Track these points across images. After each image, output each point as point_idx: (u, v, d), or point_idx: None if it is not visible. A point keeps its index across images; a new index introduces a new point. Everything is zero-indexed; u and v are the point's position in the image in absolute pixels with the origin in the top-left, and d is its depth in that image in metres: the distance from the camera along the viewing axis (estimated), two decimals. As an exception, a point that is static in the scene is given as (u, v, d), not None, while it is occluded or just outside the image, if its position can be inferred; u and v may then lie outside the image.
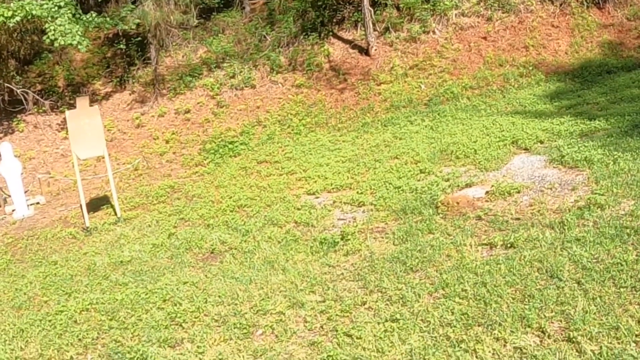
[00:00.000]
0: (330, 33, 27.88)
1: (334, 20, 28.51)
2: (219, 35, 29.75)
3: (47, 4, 25.52)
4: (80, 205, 17.42)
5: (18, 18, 24.72)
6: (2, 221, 19.36)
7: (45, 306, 11.89)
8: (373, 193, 14.49)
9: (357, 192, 14.78)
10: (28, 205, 19.72)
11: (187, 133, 24.43)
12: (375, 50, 26.02)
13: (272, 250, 12.35)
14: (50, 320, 10.96)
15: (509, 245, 10.10)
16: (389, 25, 26.62)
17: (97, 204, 18.97)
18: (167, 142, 24.06)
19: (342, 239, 12.02)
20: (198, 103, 26.02)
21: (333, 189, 15.64)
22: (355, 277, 10.20)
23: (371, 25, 25.92)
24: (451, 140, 17.11)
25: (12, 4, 25.05)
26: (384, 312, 8.88)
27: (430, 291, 9.18)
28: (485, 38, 25.28)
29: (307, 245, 12.21)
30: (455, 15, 26.23)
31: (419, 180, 14.67)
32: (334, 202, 14.58)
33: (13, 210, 19.58)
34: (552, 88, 21.43)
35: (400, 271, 9.97)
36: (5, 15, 24.41)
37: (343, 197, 14.74)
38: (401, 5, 26.80)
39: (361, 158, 17.76)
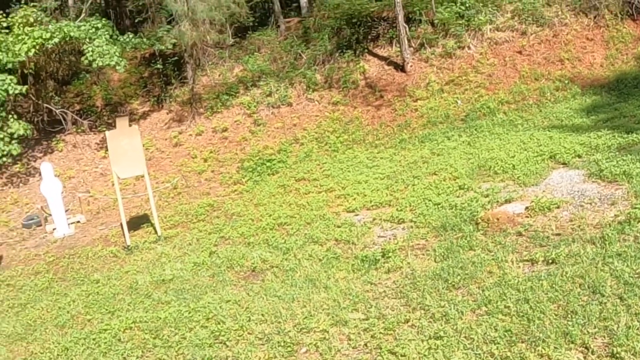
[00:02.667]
0: (366, 50, 27.97)
1: (369, 37, 28.60)
2: (255, 53, 29.91)
3: (84, 25, 25.89)
4: (121, 224, 17.55)
5: (56, 40, 25.09)
6: (43, 240, 19.55)
7: (89, 324, 12.00)
8: (412, 210, 14.48)
9: (397, 209, 14.78)
10: (69, 224, 19.90)
11: (225, 151, 24.55)
12: (411, 66, 26.05)
13: (314, 268, 12.37)
14: (94, 339, 11.07)
15: (550, 261, 10.11)
16: (424, 41, 26.66)
17: (137, 222, 19.10)
18: (205, 160, 24.19)
19: (383, 257, 12.04)
20: (235, 121, 26.17)
21: (372, 206, 15.65)
22: (398, 295, 10.23)
23: (406, 42, 25.96)
24: (489, 156, 17.10)
25: (50, 26, 25.40)
26: (427, 329, 8.91)
27: (473, 308, 9.20)
28: (520, 52, 25.24)
29: (349, 263, 12.24)
30: (490, 30, 26.23)
31: (458, 197, 14.67)
32: (374, 219, 14.60)
33: (54, 229, 19.77)
34: (588, 101, 21.37)
35: (443, 288, 9.99)
36: (44, 37, 24.77)
37: (383, 214, 14.76)
38: (436, 21, 26.84)
39: (399, 175, 17.77)
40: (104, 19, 28.21)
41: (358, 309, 10.06)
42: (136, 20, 35.11)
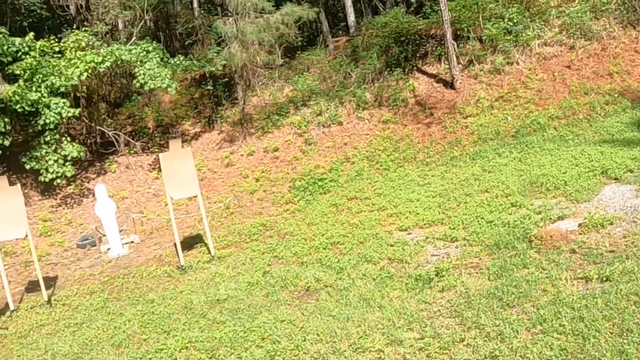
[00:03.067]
0: (415, 68, 28.01)
1: (418, 55, 28.65)
2: (304, 73, 30.10)
3: (135, 49, 26.23)
4: (175, 244, 17.73)
5: (108, 63, 25.45)
6: (98, 260, 19.77)
7: (145, 344, 12.11)
8: (465, 228, 14.47)
9: (449, 228, 14.78)
10: (123, 244, 20.12)
11: (277, 171, 24.69)
12: (460, 83, 26.04)
13: (368, 288, 12.39)
14: (150, 359, 11.19)
15: (604, 278, 10.06)
16: (473, 57, 26.66)
17: (191, 242, 19.24)
18: (257, 180, 24.34)
19: (436, 275, 12.03)
20: (286, 141, 26.32)
21: (425, 224, 15.64)
22: (452, 314, 10.23)
23: (455, 59, 25.98)
24: (540, 172, 17.03)
25: (101, 50, 25.76)
26: (483, 348, 8.91)
27: (528, 327, 9.18)
28: (569, 67, 25.10)
29: (402, 282, 12.24)
30: (538, 45, 26.15)
31: (510, 214, 14.63)
32: (427, 237, 14.60)
33: (108, 249, 20.00)
34: (639, 115, 21.17)
35: (497, 307, 9.98)
36: (96, 61, 25.13)
37: (435, 232, 14.75)
38: (484, 38, 26.82)
39: (451, 192, 17.75)
40: (154, 42, 28.60)
41: (413, 328, 10.08)
42: (186, 43, 35.48)
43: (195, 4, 36.61)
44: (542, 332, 8.92)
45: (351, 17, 33.80)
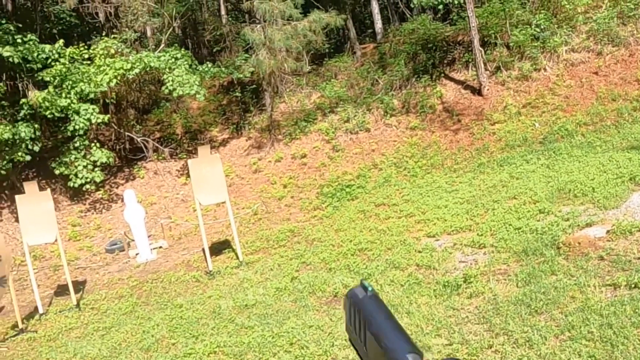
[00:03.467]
0: (442, 74, 27.99)
1: (445, 62, 28.64)
2: (332, 80, 30.16)
3: (164, 55, 26.42)
4: (203, 249, 17.83)
5: (137, 70, 25.66)
6: (126, 265, 19.95)
7: (173, 348, 12.21)
8: (493, 234, 14.45)
9: (477, 234, 14.77)
10: (151, 249, 20.28)
11: (304, 177, 24.77)
12: (488, 89, 26.00)
13: (396, 294, 12.41)
14: (179, 363, 11.30)
15: (633, 285, 10.03)
16: (500, 64, 26.60)
17: (219, 248, 19.36)
18: (284, 186, 24.44)
19: (464, 282, 12.03)
20: (314, 147, 26.39)
21: (453, 231, 15.63)
22: (480, 320, 10.24)
23: (482, 65, 25.94)
24: (568, 179, 16.97)
25: (130, 57, 25.96)
26: (511, 355, 8.92)
27: (557, 333, 9.19)
28: (596, 73, 24.97)
29: (430, 288, 12.25)
30: (566, 51, 26.03)
31: (538, 221, 14.60)
32: (455, 244, 14.59)
33: (137, 254, 20.16)
34: (667, 122, 21.10)
35: (525, 314, 9.99)
36: (125, 67, 25.34)
37: (463, 239, 14.74)
38: (511, 44, 26.75)
39: (479, 199, 17.75)
40: (182, 49, 28.77)
41: (441, 334, 10.11)
42: (214, 50, 35.64)
43: (223, 12, 36.73)
44: (571, 339, 8.92)
45: (378, 24, 33.81)
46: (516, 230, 14.29)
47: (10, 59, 24.09)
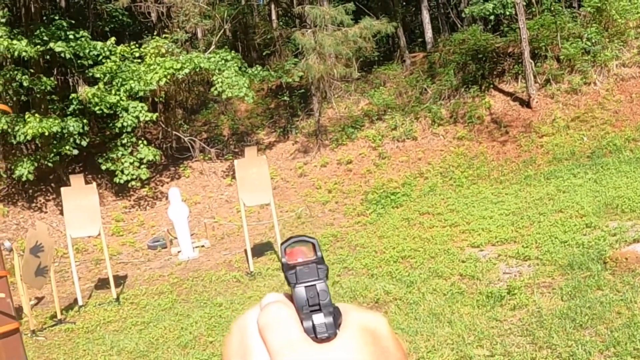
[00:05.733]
0: (491, 85, 27.87)
1: (495, 73, 28.50)
2: (380, 87, 30.19)
3: (214, 57, 26.58)
4: (245, 250, 17.83)
5: (187, 70, 25.83)
6: (168, 262, 20.03)
7: (211, 346, 12.18)
8: (538, 247, 14.32)
9: (522, 246, 14.62)
10: (193, 248, 20.35)
11: (349, 183, 24.76)
12: (537, 102, 25.84)
13: (438, 303, 12.31)
14: (216, 361, 11.29)
15: (680, 303, 9.90)
16: (550, 77, 26.42)
17: (261, 249, 19.36)
18: (329, 191, 24.44)
19: (508, 293, 11.90)
20: (360, 154, 26.38)
21: (497, 242, 15.50)
22: (524, 333, 10.12)
23: (532, 77, 25.79)
24: (616, 194, 16.80)
25: (181, 57, 26.15)
26: (555, 369, 8.84)
27: (601, 349, 9.06)
28: (646, 89, 24.79)
29: (473, 299, 12.14)
30: (616, 66, 25.79)
31: (584, 235, 14.44)
32: (499, 255, 14.47)
33: (179, 252, 20.23)
34: None
35: (570, 328, 9.86)
36: (175, 67, 25.53)
37: (508, 250, 14.61)
38: (561, 57, 26.58)
39: (525, 211, 17.59)
40: (232, 51, 28.90)
41: (483, 345, 10.00)
42: (263, 53, 35.80)
43: (274, 16, 36.97)
44: (616, 355, 8.79)
45: (428, 34, 33.76)
46: (562, 243, 14.14)
47: (62, 55, 24.37)
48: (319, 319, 1.03)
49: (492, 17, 30.22)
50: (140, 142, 26.18)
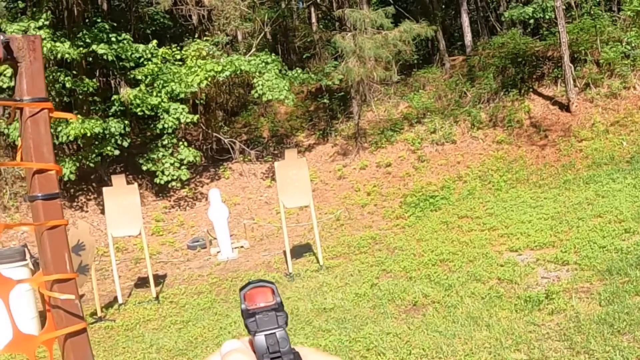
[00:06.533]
0: (530, 89, 27.81)
1: (534, 77, 28.43)
2: (420, 91, 30.23)
3: (254, 60, 26.76)
4: (284, 252, 17.96)
5: (227, 73, 26.05)
6: (207, 262, 20.21)
7: (250, 347, 12.32)
8: (577, 252, 14.30)
9: (561, 251, 14.62)
10: (233, 249, 20.51)
11: (388, 186, 24.84)
12: (576, 106, 25.75)
13: (476, 306, 12.34)
14: (252, 361, 11.39)
15: None
16: (589, 81, 26.33)
17: (300, 251, 19.46)
18: (368, 194, 24.53)
19: (546, 298, 11.91)
20: (399, 157, 26.45)
21: (536, 246, 15.49)
22: (561, 337, 10.13)
23: (571, 82, 25.70)
24: (655, 199, 16.79)
25: (222, 60, 26.36)
26: (592, 373, 8.86)
27: (639, 355, 9.09)
28: (687, 93, 24.66)
29: (511, 303, 12.15)
30: (656, 70, 25.74)
31: (623, 240, 14.40)
32: (537, 259, 14.46)
33: (218, 252, 20.40)
34: None
35: (608, 333, 9.87)
36: (216, 70, 25.76)
37: (546, 255, 14.60)
38: (601, 61, 26.47)
39: (564, 216, 17.57)
40: (272, 54, 29.08)
41: (520, 349, 10.03)
42: (303, 56, 35.96)
43: (313, 19, 37.10)
44: (653, 361, 8.83)
45: (468, 37, 33.73)
46: (600, 248, 14.12)
47: (105, 57, 24.66)
48: None
49: (531, 21, 30.15)
50: (180, 143, 26.44)
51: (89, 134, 23.45)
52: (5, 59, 1.91)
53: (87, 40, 24.75)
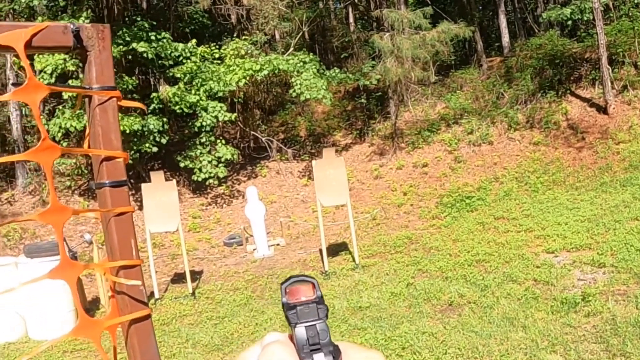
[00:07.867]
0: (568, 91, 27.72)
1: (571, 78, 28.33)
2: (457, 91, 30.21)
3: (292, 59, 26.86)
4: (320, 250, 18.03)
5: (265, 72, 26.17)
6: (243, 259, 20.34)
7: (287, 343, 12.42)
8: (614, 254, 14.28)
9: (597, 253, 14.60)
10: (269, 246, 20.64)
11: (425, 186, 24.87)
12: (614, 108, 25.64)
13: (511, 307, 12.36)
14: (290, 357, 11.50)
15: None
16: (627, 83, 26.21)
17: (336, 249, 19.55)
18: (404, 194, 24.58)
19: (582, 300, 11.91)
20: (436, 157, 26.47)
21: (572, 248, 15.49)
22: (597, 340, 10.15)
23: (609, 84, 25.59)
24: (693, 203, 16.73)
25: (260, 59, 26.50)
26: (628, 376, 8.89)
27: (675, 358, 9.12)
28: None
29: (547, 304, 12.16)
30: (696, 72, 25.59)
31: (660, 244, 14.43)
32: (574, 261, 14.46)
33: (254, 250, 20.53)
34: None
35: (644, 336, 9.92)
36: (254, 69, 25.89)
37: (583, 257, 14.60)
38: (639, 63, 26.34)
39: (600, 218, 17.53)
40: (310, 53, 29.17)
41: (556, 350, 10.06)
42: (341, 56, 36.03)
43: (351, 19, 37.12)
44: (690, 364, 8.84)
45: (505, 38, 33.66)
46: (637, 251, 14.08)
47: (145, 55, 24.89)
48: (320, 358, 1.16)
49: (569, 22, 30.05)
50: (218, 141, 26.61)
51: (127, 131, 23.67)
52: (75, 48, 2.02)
53: (127, 38, 24.97)
